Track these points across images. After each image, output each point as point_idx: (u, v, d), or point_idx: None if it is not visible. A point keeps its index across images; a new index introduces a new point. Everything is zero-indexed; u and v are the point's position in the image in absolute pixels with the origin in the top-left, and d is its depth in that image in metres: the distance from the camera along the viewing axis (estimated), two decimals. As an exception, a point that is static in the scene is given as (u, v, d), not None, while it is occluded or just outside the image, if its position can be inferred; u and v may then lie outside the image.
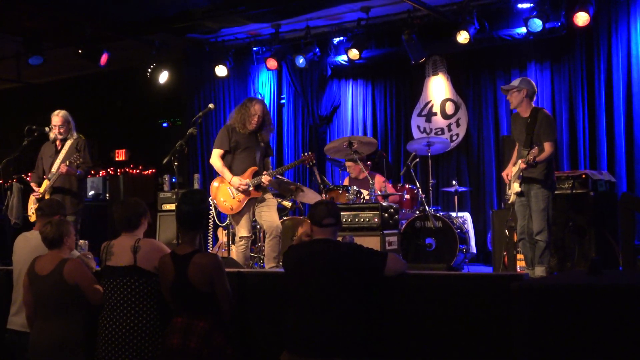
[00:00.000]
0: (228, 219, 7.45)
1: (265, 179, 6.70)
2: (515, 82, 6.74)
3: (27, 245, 5.38)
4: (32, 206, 7.37)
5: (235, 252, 6.85)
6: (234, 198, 6.73)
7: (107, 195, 13.41)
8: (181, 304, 4.50)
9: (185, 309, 4.47)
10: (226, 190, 6.77)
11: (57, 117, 7.46)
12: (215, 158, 6.81)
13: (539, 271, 6.39)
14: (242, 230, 6.74)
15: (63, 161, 7.24)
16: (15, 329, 5.26)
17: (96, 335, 4.69)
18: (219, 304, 4.45)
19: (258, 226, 8.18)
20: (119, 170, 13.05)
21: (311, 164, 7.24)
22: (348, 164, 8.73)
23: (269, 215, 6.76)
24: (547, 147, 6.44)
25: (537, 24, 8.79)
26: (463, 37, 9.12)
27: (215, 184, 6.93)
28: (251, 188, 6.70)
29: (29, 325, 5.03)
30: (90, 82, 12.70)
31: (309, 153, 7.31)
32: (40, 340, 4.87)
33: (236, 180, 6.68)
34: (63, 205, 5.77)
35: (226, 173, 6.75)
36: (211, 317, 4.42)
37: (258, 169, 6.78)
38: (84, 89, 12.92)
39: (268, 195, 6.84)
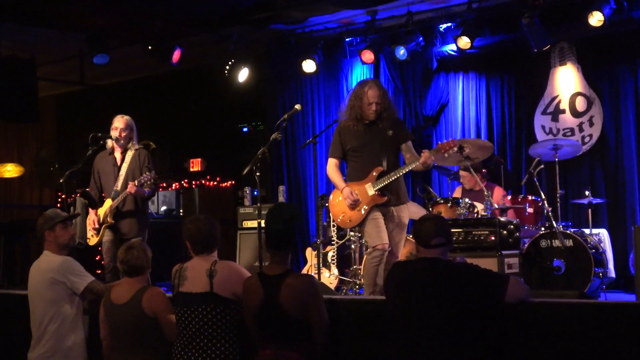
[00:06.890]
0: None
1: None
2: None
3: (38, 272, 5.58)
4: (89, 228, 7.56)
5: (364, 265, 6.68)
6: (353, 209, 6.52)
7: (181, 210, 13.69)
8: (269, 333, 4.55)
9: (274, 338, 4.52)
10: (343, 202, 6.58)
11: (122, 119, 7.61)
12: (329, 168, 6.70)
13: (693, 299, 6.17)
14: (372, 239, 6.41)
15: (126, 177, 7.42)
16: None
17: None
18: (312, 332, 4.47)
19: (353, 246, 8.21)
20: (193, 182, 13.32)
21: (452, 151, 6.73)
22: (462, 173, 8.64)
23: (397, 238, 6.52)
24: None
25: (688, 0, 8.56)
26: (596, 19, 8.95)
27: (331, 197, 6.82)
28: (373, 193, 6.43)
29: None
30: (161, 83, 13.02)
31: (449, 141, 6.75)
32: None
33: (347, 190, 6.51)
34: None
35: (339, 183, 6.62)
36: (303, 347, 4.44)
37: (385, 169, 6.49)
38: (154, 91, 13.26)
39: (401, 208, 6.55)
